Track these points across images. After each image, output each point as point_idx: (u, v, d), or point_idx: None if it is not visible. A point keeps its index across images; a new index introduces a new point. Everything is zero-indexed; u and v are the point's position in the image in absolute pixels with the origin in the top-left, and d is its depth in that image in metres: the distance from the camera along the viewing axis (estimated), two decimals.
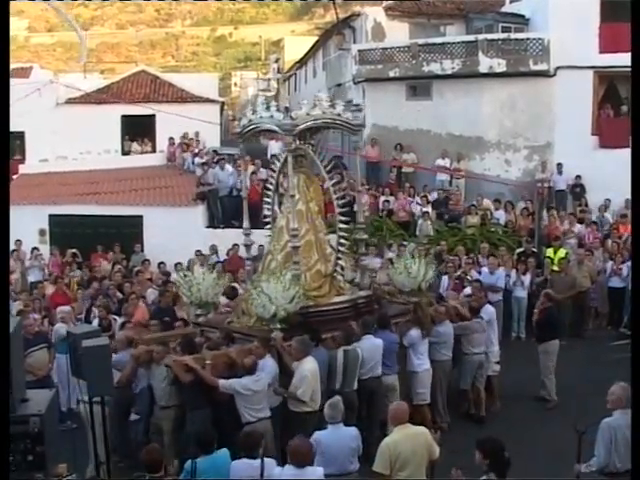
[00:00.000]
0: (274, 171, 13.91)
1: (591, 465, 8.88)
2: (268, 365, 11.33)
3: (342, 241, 13.76)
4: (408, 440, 8.71)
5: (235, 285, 16.57)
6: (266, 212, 14.76)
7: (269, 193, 14.70)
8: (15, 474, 7.91)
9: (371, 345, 12.31)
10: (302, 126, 13.10)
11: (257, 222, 16.19)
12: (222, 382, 10.94)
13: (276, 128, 13.35)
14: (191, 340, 12.26)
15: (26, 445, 7.98)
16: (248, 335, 12.40)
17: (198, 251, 21.07)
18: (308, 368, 11.17)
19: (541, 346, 14.80)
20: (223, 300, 15.28)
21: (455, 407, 14.05)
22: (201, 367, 11.08)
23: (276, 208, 14.57)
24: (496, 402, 14.43)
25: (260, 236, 15.50)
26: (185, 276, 14.07)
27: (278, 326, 12.09)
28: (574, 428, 9.03)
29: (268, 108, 13.43)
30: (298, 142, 13.50)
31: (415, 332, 12.92)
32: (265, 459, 8.65)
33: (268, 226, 14.50)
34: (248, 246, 15.01)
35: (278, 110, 13.27)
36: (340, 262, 13.63)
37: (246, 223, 15.00)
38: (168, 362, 11.34)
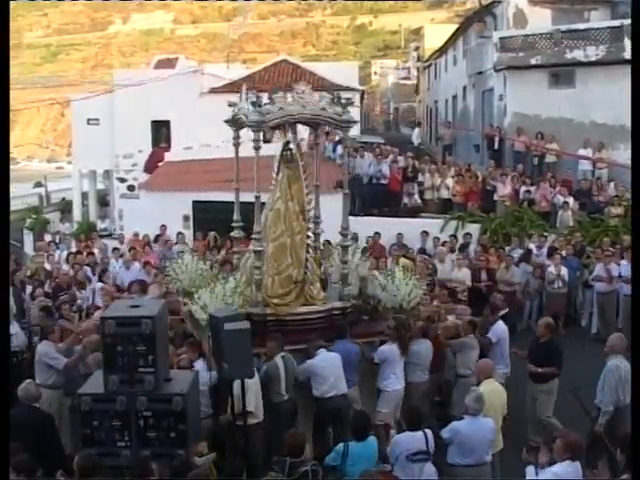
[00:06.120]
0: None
1: (604, 407, 10.39)
2: (199, 369, 10.75)
3: (309, 242, 12.70)
4: (493, 394, 10.13)
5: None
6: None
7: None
8: (158, 449, 8.28)
9: (322, 360, 11.25)
10: (271, 122, 11.87)
11: (397, 210, 15.65)
12: None
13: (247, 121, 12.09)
14: None
15: (169, 423, 8.33)
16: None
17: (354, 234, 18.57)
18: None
19: (544, 386, 12.18)
20: None
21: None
22: None
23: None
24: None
25: (394, 224, 14.53)
26: (175, 264, 13.32)
27: None
28: (569, 390, 10.44)
29: (247, 99, 12.20)
30: (284, 136, 12.91)
31: (387, 347, 11.74)
32: (426, 430, 9.17)
33: None
34: (258, 252, 12.20)
35: (252, 104, 11.85)
36: (308, 269, 12.34)
37: (257, 226, 12.45)
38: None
